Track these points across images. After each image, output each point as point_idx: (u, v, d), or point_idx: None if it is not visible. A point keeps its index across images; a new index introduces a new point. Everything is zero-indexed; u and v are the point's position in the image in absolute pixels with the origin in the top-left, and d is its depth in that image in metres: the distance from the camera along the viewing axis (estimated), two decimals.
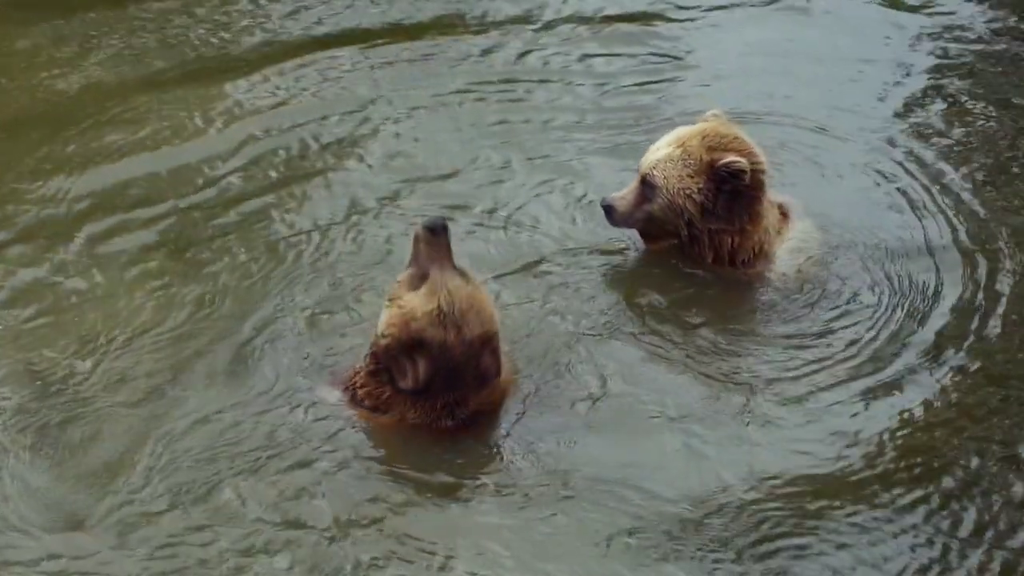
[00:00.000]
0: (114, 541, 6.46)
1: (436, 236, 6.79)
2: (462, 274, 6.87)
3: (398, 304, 6.84)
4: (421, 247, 6.85)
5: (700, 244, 7.99)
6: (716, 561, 6.42)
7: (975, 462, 6.93)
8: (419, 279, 6.84)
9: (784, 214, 8.20)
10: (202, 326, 7.67)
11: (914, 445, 7.02)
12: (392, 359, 6.87)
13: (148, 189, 8.85)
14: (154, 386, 7.25)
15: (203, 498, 6.65)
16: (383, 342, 6.88)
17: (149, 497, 6.64)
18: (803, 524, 6.62)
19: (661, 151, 7.93)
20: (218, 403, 7.15)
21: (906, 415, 7.21)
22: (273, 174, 9.04)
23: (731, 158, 7.73)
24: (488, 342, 6.88)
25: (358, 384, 7.08)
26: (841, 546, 6.52)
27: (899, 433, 7.09)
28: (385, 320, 6.88)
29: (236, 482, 6.73)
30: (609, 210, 8.05)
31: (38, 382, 7.26)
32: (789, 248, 8.12)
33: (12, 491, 6.67)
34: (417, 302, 6.79)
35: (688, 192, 7.86)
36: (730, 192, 7.81)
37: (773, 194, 8.16)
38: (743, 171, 7.72)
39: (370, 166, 9.13)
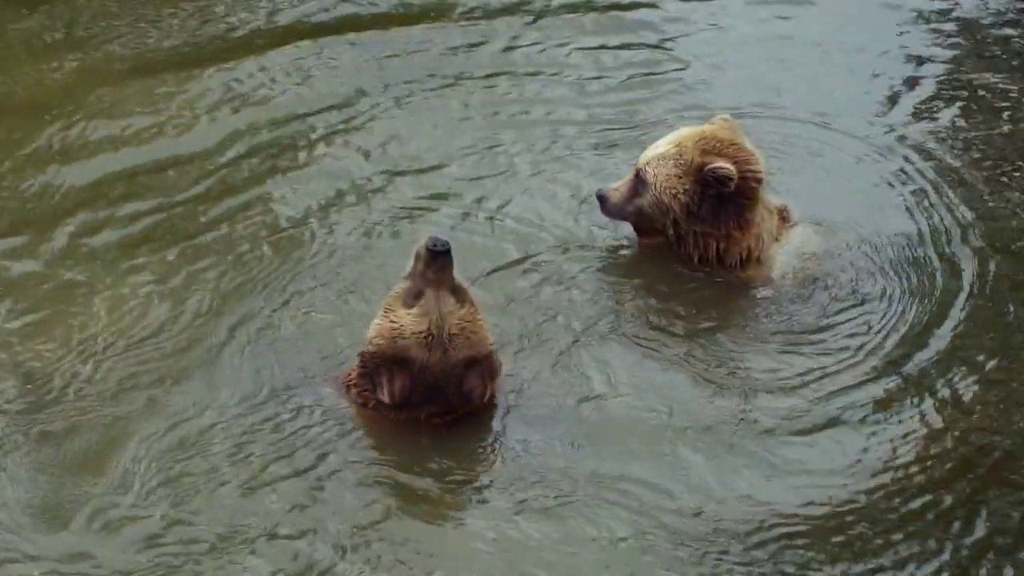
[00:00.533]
0: (106, 544, 6.43)
1: (436, 258, 6.78)
2: (458, 292, 6.87)
3: (390, 318, 6.87)
4: (420, 265, 6.84)
5: (686, 244, 8.08)
6: (715, 562, 6.40)
7: (987, 464, 6.89)
8: (414, 296, 6.85)
9: (785, 219, 8.22)
10: (191, 327, 7.64)
11: (922, 447, 6.98)
12: (374, 368, 6.91)
13: (136, 182, 8.82)
14: (142, 389, 7.22)
15: (192, 502, 6.62)
16: (369, 349, 6.93)
17: (139, 501, 6.61)
18: (804, 525, 6.59)
19: (659, 148, 8.05)
20: (207, 406, 7.11)
21: (914, 417, 7.17)
22: (264, 167, 9.01)
23: (719, 164, 7.80)
24: (474, 365, 6.90)
25: (352, 381, 7.11)
26: (845, 548, 6.49)
27: (908, 437, 7.05)
28: (375, 330, 6.92)
29: (226, 486, 6.69)
30: (602, 200, 8.19)
31: (28, 385, 7.22)
32: (788, 251, 8.13)
33: (4, 495, 6.64)
34: (407, 321, 6.83)
35: (674, 192, 7.94)
36: (715, 197, 7.89)
37: (772, 199, 8.17)
38: (728, 178, 7.81)
39: (362, 158, 9.11)
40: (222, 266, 8.06)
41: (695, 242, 8.01)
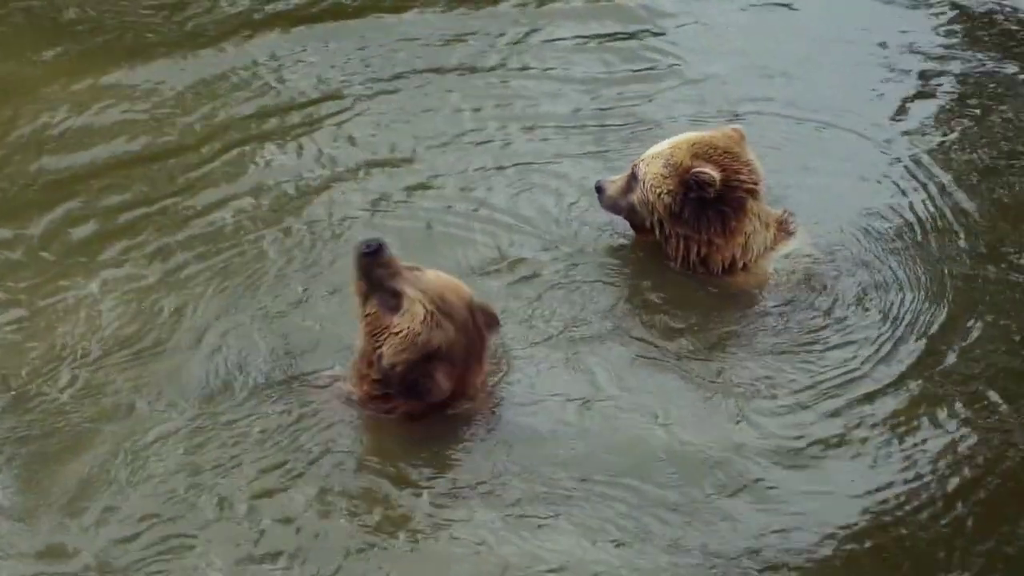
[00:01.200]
0: (85, 543, 6.40)
1: (377, 255, 6.97)
2: (412, 269, 7.04)
3: (392, 332, 6.94)
4: (373, 270, 6.98)
5: (670, 245, 8.17)
6: (711, 564, 6.38)
7: (1000, 471, 6.84)
8: (392, 297, 6.97)
9: (784, 229, 8.20)
10: (170, 325, 7.59)
11: (933, 454, 6.93)
12: (411, 384, 6.99)
13: (119, 175, 8.77)
14: (121, 388, 7.17)
15: (175, 504, 6.58)
16: (399, 370, 6.97)
17: (120, 502, 6.57)
18: (800, 526, 6.57)
19: (657, 147, 8.15)
20: (189, 407, 7.07)
21: (923, 424, 7.11)
22: (248, 159, 8.96)
23: (702, 168, 7.88)
24: (472, 307, 7.09)
25: (362, 395, 7.16)
26: (853, 555, 6.46)
27: (918, 444, 6.99)
28: (391, 351, 6.95)
29: (211, 488, 6.66)
30: (600, 191, 8.35)
31: (12, 393, 7.14)
32: (783, 256, 8.12)
33: None
34: (408, 319, 6.93)
35: (658, 191, 8.03)
36: (697, 201, 7.96)
37: (774, 209, 8.18)
38: (708, 184, 7.87)
39: (347, 151, 9.06)
40: (203, 262, 8.02)
41: (677, 244, 8.09)
